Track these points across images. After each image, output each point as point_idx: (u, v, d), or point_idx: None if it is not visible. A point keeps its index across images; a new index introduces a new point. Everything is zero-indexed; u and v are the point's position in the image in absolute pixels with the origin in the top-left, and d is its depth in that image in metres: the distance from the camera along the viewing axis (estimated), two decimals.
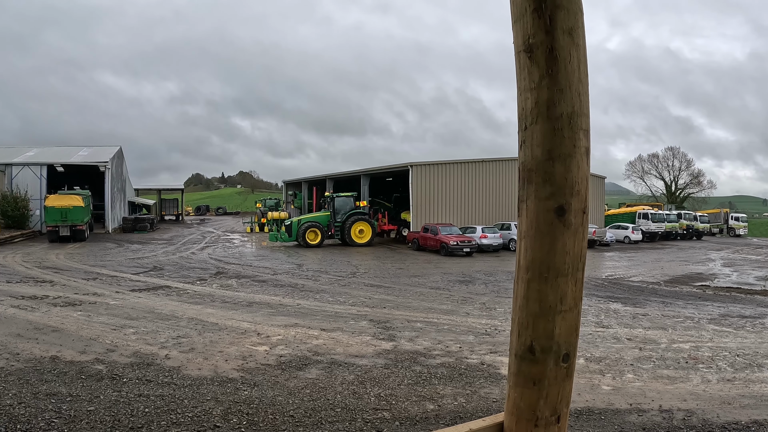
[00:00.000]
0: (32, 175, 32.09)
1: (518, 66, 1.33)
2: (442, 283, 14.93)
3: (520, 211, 1.38)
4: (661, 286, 15.29)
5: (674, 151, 67.18)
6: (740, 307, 11.79)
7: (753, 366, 6.95)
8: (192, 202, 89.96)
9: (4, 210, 29.22)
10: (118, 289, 12.53)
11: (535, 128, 1.30)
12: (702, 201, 65.79)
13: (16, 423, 4.63)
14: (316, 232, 26.97)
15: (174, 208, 56.57)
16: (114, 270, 16.28)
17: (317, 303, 11.38)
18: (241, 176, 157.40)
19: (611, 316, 10.34)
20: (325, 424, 4.88)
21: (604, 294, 13.37)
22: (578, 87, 1.29)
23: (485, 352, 7.49)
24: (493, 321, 9.72)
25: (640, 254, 26.77)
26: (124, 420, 4.80)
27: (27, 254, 20.44)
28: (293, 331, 8.59)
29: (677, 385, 6.16)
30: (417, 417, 5.10)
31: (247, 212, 64.82)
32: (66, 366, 6.36)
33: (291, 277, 15.80)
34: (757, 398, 5.72)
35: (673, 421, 5.06)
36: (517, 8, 1.31)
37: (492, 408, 5.36)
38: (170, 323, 8.96)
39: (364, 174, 34.07)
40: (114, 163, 35.54)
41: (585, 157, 1.33)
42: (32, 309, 9.83)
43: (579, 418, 5.07)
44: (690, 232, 39.94)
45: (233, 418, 4.94)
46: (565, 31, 1.27)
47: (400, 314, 10.23)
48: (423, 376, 6.38)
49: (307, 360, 6.94)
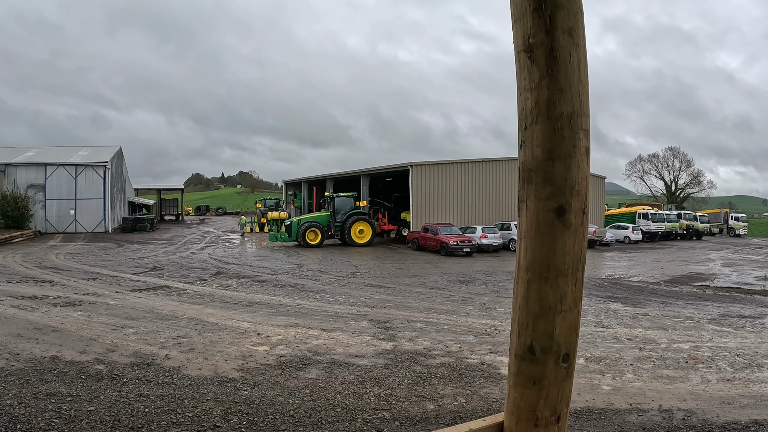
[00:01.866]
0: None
1: (518, 66, 1.33)
2: (442, 283, 14.92)
3: (520, 211, 1.38)
4: (661, 286, 15.29)
5: (674, 151, 67.28)
6: (740, 307, 11.79)
7: (753, 366, 6.95)
8: (192, 202, 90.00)
9: (4, 210, 29.23)
10: (118, 289, 12.53)
11: (535, 128, 1.30)
12: (702, 201, 65.81)
13: (16, 423, 4.63)
14: (316, 232, 26.97)
15: (174, 208, 56.62)
16: (114, 270, 16.28)
17: (317, 303, 11.38)
18: (241, 176, 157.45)
19: (611, 316, 10.34)
20: (325, 424, 4.88)
21: (604, 294, 13.37)
22: (578, 87, 1.29)
23: (485, 352, 7.49)
24: (493, 321, 9.72)
25: (640, 254, 26.77)
26: (124, 420, 4.80)
27: (27, 254, 20.44)
28: (293, 331, 8.59)
29: (677, 385, 6.16)
30: (417, 417, 5.10)
31: (248, 212, 64.83)
32: (66, 366, 6.36)
33: (291, 277, 15.80)
34: (756, 398, 5.72)
35: (673, 421, 5.06)
36: (517, 8, 1.31)
37: (492, 408, 5.36)
38: (170, 323, 8.96)
39: (364, 174, 34.07)
40: (114, 163, 35.57)
41: (585, 157, 1.33)
42: (32, 309, 9.83)
43: (579, 418, 5.07)
44: (690, 232, 39.95)
45: (233, 418, 4.94)
46: (565, 31, 1.27)
47: (400, 314, 10.23)
48: (423, 376, 6.38)
49: (307, 360, 6.94)
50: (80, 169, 33.83)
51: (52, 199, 33.08)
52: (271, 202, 48.25)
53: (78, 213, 33.50)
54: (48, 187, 33.08)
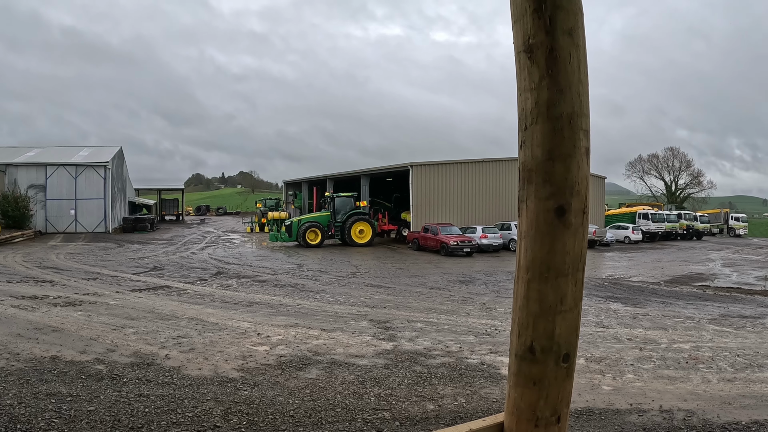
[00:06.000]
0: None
1: (518, 66, 1.33)
2: (443, 283, 14.92)
3: (520, 211, 1.38)
4: (661, 286, 15.29)
5: (674, 151, 67.28)
6: (740, 307, 11.79)
7: (753, 366, 6.95)
8: (192, 202, 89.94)
9: (5, 210, 29.23)
10: (118, 289, 12.53)
11: (535, 128, 1.30)
12: (702, 201, 65.80)
13: (16, 423, 4.63)
14: (316, 232, 26.97)
15: (174, 208, 56.58)
16: (114, 270, 16.28)
17: (317, 303, 11.38)
18: (242, 176, 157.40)
19: (611, 316, 10.34)
20: (325, 424, 4.88)
21: (604, 294, 13.37)
22: (578, 87, 1.30)
23: (485, 352, 7.49)
24: (493, 321, 9.72)
25: (640, 254, 26.76)
26: (124, 420, 4.80)
27: (27, 254, 20.44)
28: (293, 331, 8.59)
29: (677, 385, 6.16)
30: (417, 417, 5.10)
31: (248, 212, 64.82)
32: (66, 366, 6.36)
33: (291, 277, 15.80)
34: (757, 398, 5.72)
35: (674, 421, 5.06)
36: (517, 8, 1.31)
37: (492, 408, 5.36)
38: (170, 323, 8.96)
39: (364, 174, 34.08)
40: (114, 163, 35.58)
41: (585, 157, 1.33)
42: (32, 309, 9.83)
43: (579, 418, 5.07)
44: (690, 232, 39.93)
45: (233, 418, 4.94)
46: (565, 32, 1.27)
47: (401, 314, 10.23)
48: (423, 376, 6.38)
49: (307, 360, 6.94)
50: (81, 169, 33.82)
51: (53, 199, 33.07)
52: (272, 202, 48.26)
53: (78, 213, 33.49)
54: (48, 187, 33.08)
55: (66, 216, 33.32)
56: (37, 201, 32.14)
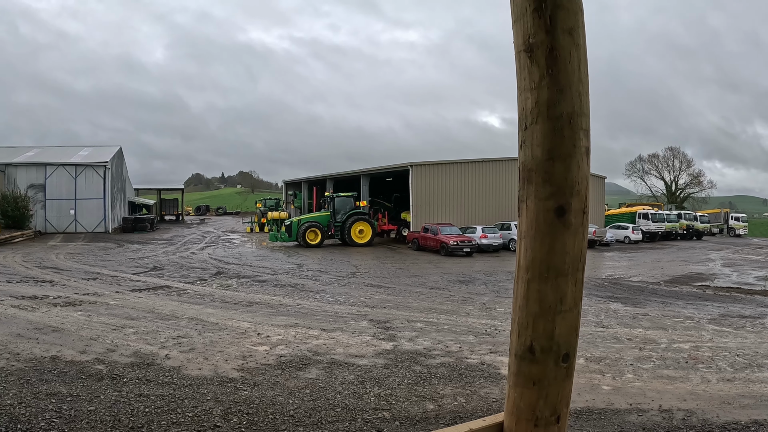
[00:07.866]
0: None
1: (518, 66, 1.33)
2: (442, 283, 14.93)
3: (520, 211, 1.38)
4: (661, 286, 15.29)
5: (674, 151, 67.29)
6: (740, 307, 11.79)
7: (753, 366, 6.95)
8: (192, 202, 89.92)
9: (5, 210, 29.22)
10: (118, 289, 12.53)
11: (535, 128, 1.30)
12: (702, 201, 65.80)
13: (16, 423, 4.63)
14: (316, 232, 26.96)
15: (174, 208, 56.54)
16: (114, 270, 16.28)
17: (317, 303, 11.38)
18: (241, 176, 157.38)
19: (611, 316, 10.34)
20: (325, 424, 4.88)
21: (604, 294, 13.37)
22: (578, 87, 1.29)
23: (485, 352, 7.49)
24: (493, 321, 9.72)
25: (640, 254, 26.76)
26: (124, 420, 4.80)
27: (27, 254, 20.44)
28: (293, 331, 8.59)
29: (677, 385, 6.16)
30: (417, 417, 5.10)
31: (248, 212, 64.81)
32: (66, 366, 6.36)
33: (291, 277, 15.80)
34: (756, 398, 5.72)
35: (673, 421, 5.06)
36: (518, 8, 1.31)
37: (492, 408, 5.36)
38: (170, 323, 8.96)
39: (364, 174, 34.07)
40: (114, 163, 35.57)
41: (585, 157, 1.33)
42: (32, 309, 9.83)
43: (579, 418, 5.07)
44: (690, 232, 39.92)
45: (233, 418, 4.94)
46: (565, 31, 1.27)
47: (400, 314, 10.23)
48: (423, 376, 6.38)
49: (307, 360, 6.94)
50: (80, 169, 33.81)
51: (52, 199, 33.06)
52: (271, 202, 48.23)
53: (78, 213, 33.48)
54: (48, 187, 33.07)
55: (66, 216, 33.31)
56: (36, 201, 32.13)
